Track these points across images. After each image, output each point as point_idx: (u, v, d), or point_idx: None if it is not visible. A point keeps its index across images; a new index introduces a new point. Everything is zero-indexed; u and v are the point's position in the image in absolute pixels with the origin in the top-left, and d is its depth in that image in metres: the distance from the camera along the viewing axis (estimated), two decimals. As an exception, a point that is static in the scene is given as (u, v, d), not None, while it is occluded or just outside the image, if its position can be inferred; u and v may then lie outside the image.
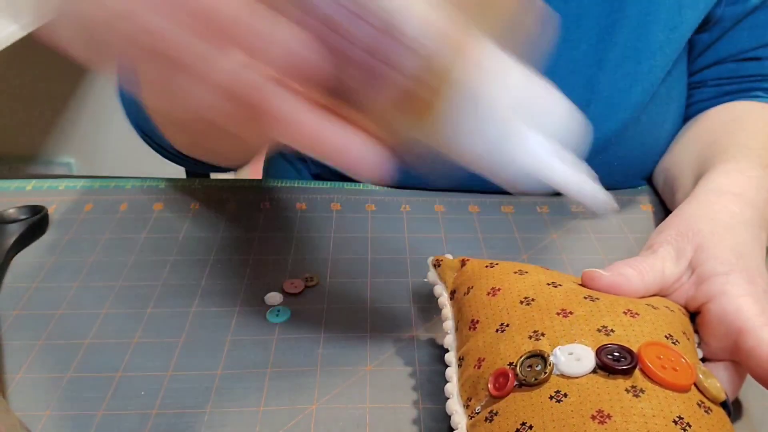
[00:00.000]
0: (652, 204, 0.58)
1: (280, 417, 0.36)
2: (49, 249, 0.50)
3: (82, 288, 0.46)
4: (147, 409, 0.37)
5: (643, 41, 0.54)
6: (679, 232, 0.39)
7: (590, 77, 0.54)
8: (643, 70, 0.54)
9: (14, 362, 0.40)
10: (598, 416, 0.27)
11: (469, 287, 0.38)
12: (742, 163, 0.47)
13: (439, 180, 0.59)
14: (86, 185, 0.58)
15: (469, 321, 0.35)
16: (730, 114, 0.56)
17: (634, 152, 0.58)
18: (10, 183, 0.58)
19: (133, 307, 0.44)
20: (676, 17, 0.54)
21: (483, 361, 0.32)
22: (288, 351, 0.41)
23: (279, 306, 0.44)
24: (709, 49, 0.58)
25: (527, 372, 0.30)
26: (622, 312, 0.32)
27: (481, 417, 0.30)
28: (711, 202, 0.42)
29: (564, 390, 0.28)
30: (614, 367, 0.28)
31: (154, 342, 0.41)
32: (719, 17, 0.56)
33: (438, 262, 0.42)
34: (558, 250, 0.51)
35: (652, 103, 0.56)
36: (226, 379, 0.39)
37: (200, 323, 0.43)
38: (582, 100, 0.54)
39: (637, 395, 0.27)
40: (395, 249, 0.51)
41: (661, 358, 0.29)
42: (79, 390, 0.38)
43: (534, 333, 0.31)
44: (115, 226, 0.53)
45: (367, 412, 0.37)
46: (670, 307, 0.35)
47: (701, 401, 0.28)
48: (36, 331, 0.42)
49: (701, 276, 0.36)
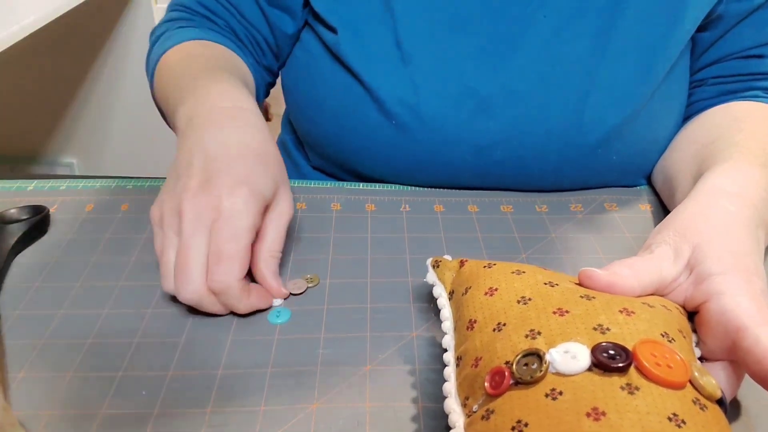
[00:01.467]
0: (650, 203, 0.58)
1: (280, 416, 0.36)
2: (50, 249, 0.50)
3: (84, 288, 0.46)
4: (148, 408, 0.37)
5: (645, 35, 0.54)
6: (677, 232, 0.39)
7: (591, 69, 0.54)
8: (644, 63, 0.55)
9: (16, 362, 0.40)
10: (593, 414, 0.27)
11: (467, 287, 0.38)
12: (741, 162, 0.47)
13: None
14: (88, 185, 0.59)
15: (467, 321, 0.36)
16: (730, 114, 0.56)
17: (635, 148, 0.58)
18: (12, 183, 0.59)
19: (135, 307, 0.44)
20: (678, 12, 0.54)
21: (480, 360, 0.32)
22: (288, 351, 0.41)
23: (279, 306, 0.45)
24: (712, 47, 0.58)
25: (523, 370, 0.30)
26: (618, 311, 0.32)
27: (478, 415, 0.30)
28: (709, 202, 0.42)
29: (559, 388, 0.28)
30: (609, 365, 0.28)
31: (155, 342, 0.42)
32: (722, 14, 0.56)
33: (437, 263, 0.42)
34: (557, 250, 0.51)
35: (653, 99, 0.56)
36: (227, 378, 0.39)
37: (201, 323, 0.43)
38: (582, 91, 0.55)
39: (632, 393, 0.28)
40: (395, 249, 0.51)
41: (656, 355, 0.29)
42: (81, 390, 0.38)
43: (530, 332, 0.32)
44: (117, 226, 0.53)
45: (366, 410, 0.37)
46: (666, 306, 0.35)
47: (696, 398, 0.28)
48: (37, 331, 0.42)
49: (699, 275, 0.36)
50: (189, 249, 0.40)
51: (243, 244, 0.41)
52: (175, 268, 0.41)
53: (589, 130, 0.55)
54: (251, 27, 0.61)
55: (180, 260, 0.41)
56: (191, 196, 0.41)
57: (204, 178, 0.42)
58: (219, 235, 0.40)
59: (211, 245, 0.41)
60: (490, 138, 0.56)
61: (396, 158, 0.58)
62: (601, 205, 0.58)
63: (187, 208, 0.41)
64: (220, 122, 0.46)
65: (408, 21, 0.55)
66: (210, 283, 0.41)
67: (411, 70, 0.55)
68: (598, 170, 0.59)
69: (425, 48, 0.55)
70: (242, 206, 0.41)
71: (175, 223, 0.42)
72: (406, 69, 0.55)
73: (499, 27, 0.55)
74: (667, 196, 0.56)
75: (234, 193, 0.41)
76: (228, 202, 0.41)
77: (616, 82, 0.55)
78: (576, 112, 0.55)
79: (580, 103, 0.55)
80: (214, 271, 0.40)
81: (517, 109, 0.55)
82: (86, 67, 1.46)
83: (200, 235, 0.40)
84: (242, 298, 0.42)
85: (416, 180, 0.60)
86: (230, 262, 0.40)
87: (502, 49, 0.55)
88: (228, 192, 0.41)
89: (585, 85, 0.55)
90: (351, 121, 0.58)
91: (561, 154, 0.56)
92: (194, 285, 0.40)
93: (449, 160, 0.57)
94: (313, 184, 0.60)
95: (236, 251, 0.41)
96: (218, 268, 0.40)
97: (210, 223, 0.41)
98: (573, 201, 0.58)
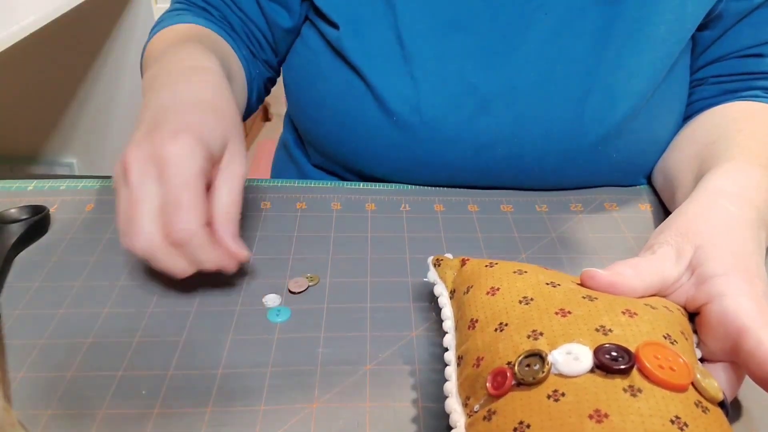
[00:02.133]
0: (651, 203, 0.58)
1: (280, 416, 0.36)
2: (50, 249, 0.50)
3: (84, 287, 0.46)
4: (148, 408, 0.37)
5: (644, 33, 0.54)
6: (678, 233, 0.39)
7: (591, 67, 0.54)
8: (643, 62, 0.55)
9: (16, 361, 0.40)
10: (595, 415, 0.27)
11: (468, 286, 0.38)
12: (742, 163, 0.47)
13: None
14: (88, 185, 0.59)
15: (468, 320, 0.36)
16: (730, 114, 0.56)
17: (635, 147, 0.58)
18: (12, 183, 0.59)
19: (134, 307, 0.44)
20: (678, 10, 0.54)
21: (482, 360, 0.32)
22: (288, 350, 0.41)
23: (279, 305, 0.44)
24: (712, 46, 0.59)
25: (525, 371, 0.30)
26: (621, 312, 0.32)
27: (480, 416, 0.30)
28: (711, 203, 0.42)
29: (562, 389, 0.28)
30: (612, 367, 0.28)
31: (155, 341, 0.41)
32: (722, 13, 0.56)
33: (438, 261, 0.42)
34: (557, 250, 0.51)
35: (653, 98, 0.56)
36: (227, 378, 0.39)
37: (201, 323, 0.43)
38: (582, 90, 0.55)
39: (635, 395, 0.27)
40: (395, 249, 0.51)
41: (659, 357, 0.29)
42: (81, 389, 0.38)
43: (532, 332, 0.32)
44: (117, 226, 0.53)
45: (366, 410, 0.37)
46: (668, 307, 0.35)
47: (699, 401, 0.28)
48: (37, 331, 0.42)
49: (701, 277, 0.36)
50: (137, 200, 0.39)
51: (196, 190, 0.39)
52: (126, 221, 0.39)
53: (589, 128, 0.55)
54: (248, 21, 0.61)
55: (130, 212, 0.39)
56: (135, 147, 0.40)
57: (149, 129, 0.41)
58: (169, 183, 0.39)
59: (164, 196, 0.39)
60: (491, 136, 0.56)
61: (396, 156, 0.58)
62: (601, 205, 0.58)
63: (131, 158, 0.39)
64: (176, 79, 0.45)
65: (409, 19, 0.55)
66: (172, 234, 0.39)
67: (412, 68, 0.55)
68: (598, 169, 0.59)
69: (426, 46, 0.55)
70: (187, 151, 0.39)
71: (123, 177, 0.40)
72: (407, 66, 0.55)
73: (499, 25, 0.55)
74: (667, 196, 0.56)
75: (177, 139, 0.39)
76: (171, 147, 0.39)
77: (616, 81, 0.55)
78: (576, 110, 0.55)
79: (581, 101, 0.55)
80: (174, 221, 0.38)
81: (517, 108, 0.55)
82: (86, 67, 1.46)
83: (147, 184, 0.39)
84: (208, 247, 0.40)
85: (417, 178, 0.60)
86: (189, 208, 0.39)
87: (502, 47, 0.55)
88: (171, 138, 0.39)
89: (585, 84, 0.55)
90: (351, 118, 0.58)
91: (561, 152, 0.56)
92: (146, 234, 0.39)
93: (450, 158, 0.57)
94: (314, 184, 0.60)
95: (192, 197, 0.39)
96: (177, 216, 0.38)
97: (156, 172, 0.39)
98: (573, 201, 0.58)
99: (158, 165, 0.39)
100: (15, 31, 0.89)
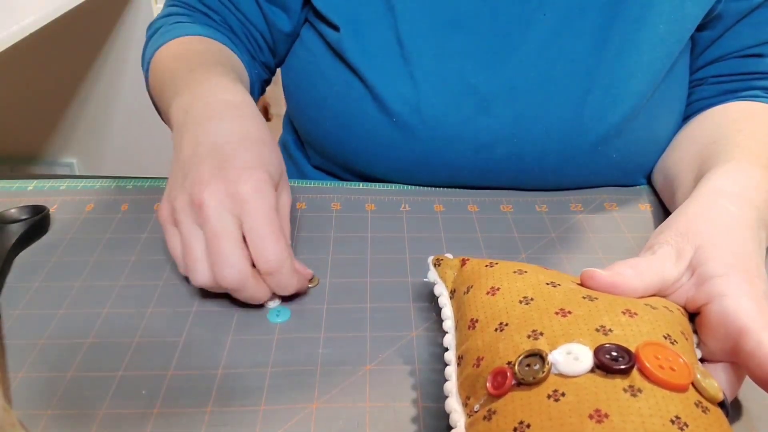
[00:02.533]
0: (650, 203, 0.58)
1: (280, 416, 0.36)
2: (50, 249, 0.50)
3: (84, 287, 0.46)
4: (148, 408, 0.37)
5: (644, 33, 0.54)
6: (679, 233, 0.39)
7: (591, 67, 0.54)
8: (643, 61, 0.55)
9: (16, 361, 0.40)
10: (595, 415, 0.27)
11: (468, 286, 0.38)
12: (742, 163, 0.47)
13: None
14: (88, 185, 0.59)
15: (468, 320, 0.36)
16: (730, 114, 0.56)
17: (635, 147, 0.58)
18: (12, 183, 0.59)
19: (134, 307, 0.44)
20: (678, 10, 0.54)
21: (482, 360, 0.32)
22: (288, 350, 0.41)
23: (279, 306, 0.44)
24: (711, 46, 0.59)
25: (525, 371, 0.30)
26: (621, 312, 0.32)
27: (480, 415, 0.30)
28: (711, 203, 0.42)
29: (562, 389, 0.28)
30: (612, 367, 0.28)
31: (154, 341, 0.41)
32: (722, 13, 0.56)
33: (438, 261, 0.42)
34: (557, 250, 0.51)
35: (653, 98, 0.56)
36: (227, 378, 0.39)
37: (200, 323, 0.43)
38: (582, 89, 0.55)
39: (635, 395, 0.27)
40: (395, 249, 0.51)
41: (659, 357, 0.29)
42: (80, 389, 0.38)
43: (533, 332, 0.32)
44: (117, 226, 0.53)
45: (366, 410, 0.37)
46: (668, 307, 0.35)
47: (699, 401, 0.28)
48: (37, 331, 0.42)
49: (701, 277, 0.36)
50: (221, 235, 0.40)
51: (277, 223, 0.41)
52: (210, 257, 0.40)
53: (589, 128, 0.55)
54: (248, 23, 0.61)
55: (214, 247, 0.40)
56: (207, 185, 0.41)
57: (215, 167, 0.42)
58: (252, 218, 0.40)
59: (248, 230, 0.40)
60: (491, 136, 0.56)
61: (396, 156, 0.58)
62: (601, 205, 0.58)
63: (207, 197, 0.40)
64: (219, 114, 0.46)
65: (409, 19, 0.55)
66: (263, 264, 0.40)
67: (412, 68, 0.55)
68: (598, 168, 0.59)
69: (426, 46, 0.55)
70: (262, 186, 0.41)
71: (194, 215, 0.41)
72: (407, 67, 0.55)
73: (499, 25, 0.55)
74: (667, 196, 0.56)
75: (252, 177, 0.41)
76: (247, 186, 0.41)
77: (616, 80, 0.55)
78: (576, 110, 0.55)
79: (580, 101, 0.55)
80: (264, 252, 0.40)
81: (517, 107, 0.55)
82: (86, 67, 1.46)
83: (228, 221, 0.40)
84: (294, 274, 0.42)
85: (417, 178, 0.60)
86: (276, 239, 0.41)
87: (502, 47, 0.55)
88: (246, 176, 0.41)
89: (585, 84, 0.55)
90: (351, 119, 0.58)
91: (561, 152, 0.56)
92: (237, 267, 0.40)
93: (450, 158, 0.57)
94: (313, 184, 0.60)
95: (276, 229, 0.41)
96: (267, 247, 0.40)
97: (233, 209, 0.40)
98: (573, 201, 0.58)
99: (236, 201, 0.41)
100: (15, 31, 0.89)
